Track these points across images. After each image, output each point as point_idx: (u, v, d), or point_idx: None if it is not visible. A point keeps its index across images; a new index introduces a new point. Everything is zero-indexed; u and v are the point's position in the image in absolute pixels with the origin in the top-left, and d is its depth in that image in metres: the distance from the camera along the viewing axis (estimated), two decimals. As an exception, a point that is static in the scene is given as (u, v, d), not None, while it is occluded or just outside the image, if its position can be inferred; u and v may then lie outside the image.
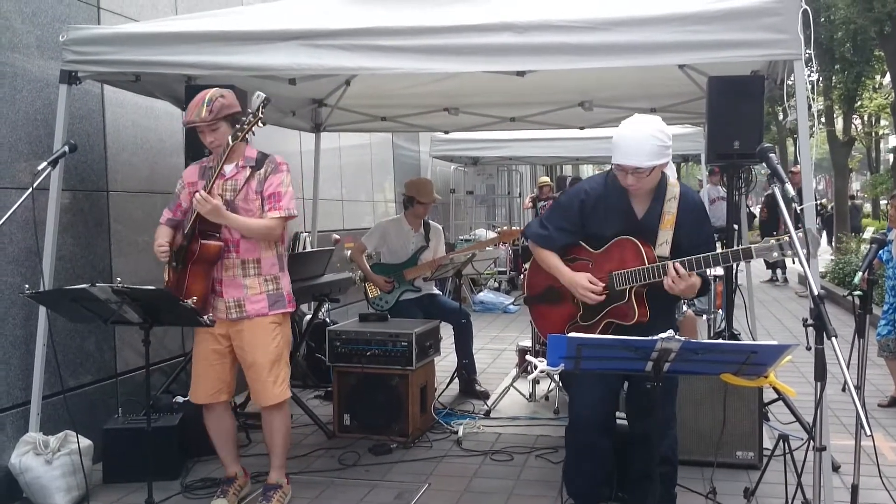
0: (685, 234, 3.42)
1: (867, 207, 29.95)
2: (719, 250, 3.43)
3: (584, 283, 3.50)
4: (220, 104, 3.93)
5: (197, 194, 3.82)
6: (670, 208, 3.45)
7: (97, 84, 5.06)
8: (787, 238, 3.06)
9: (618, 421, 3.82)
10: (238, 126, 3.87)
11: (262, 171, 4.01)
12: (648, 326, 3.41)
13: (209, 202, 3.79)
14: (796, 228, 3.23)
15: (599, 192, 3.59)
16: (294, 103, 6.48)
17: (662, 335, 2.61)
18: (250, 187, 4.00)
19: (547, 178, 16.10)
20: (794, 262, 11.82)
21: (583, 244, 3.62)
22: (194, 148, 4.86)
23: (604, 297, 3.50)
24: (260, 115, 3.85)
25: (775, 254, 3.13)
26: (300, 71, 4.38)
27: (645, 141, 3.31)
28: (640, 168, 3.33)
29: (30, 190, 3.95)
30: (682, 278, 3.25)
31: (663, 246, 3.41)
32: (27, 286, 3.83)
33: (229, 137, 3.87)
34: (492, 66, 4.11)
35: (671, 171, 3.54)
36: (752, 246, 3.21)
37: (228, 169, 4.03)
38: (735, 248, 3.28)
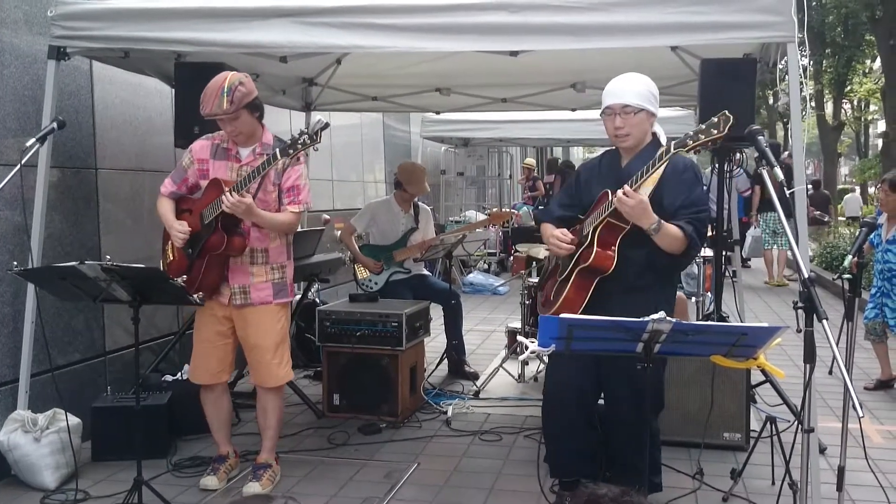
0: (667, 192, 3.42)
1: (859, 192, 30.09)
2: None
3: (554, 233, 3.60)
4: (240, 94, 3.82)
5: (226, 198, 3.72)
6: (656, 170, 3.44)
7: (86, 60, 5.01)
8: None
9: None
10: (290, 143, 3.71)
11: (281, 161, 3.92)
12: (619, 280, 3.45)
13: (243, 203, 3.70)
14: (786, 213, 3.25)
15: (594, 164, 3.82)
16: (284, 82, 6.43)
17: (654, 316, 2.62)
18: (268, 178, 3.95)
19: (532, 161, 16.10)
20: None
21: (581, 217, 3.69)
22: (183, 126, 4.82)
23: (572, 246, 3.55)
24: (318, 139, 3.70)
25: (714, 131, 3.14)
26: (291, 48, 4.35)
27: (635, 81, 3.48)
28: (629, 105, 3.43)
29: (18, 166, 3.91)
30: (627, 195, 3.25)
31: None
32: (15, 263, 3.81)
33: (278, 151, 3.73)
34: (485, 46, 4.09)
35: (662, 135, 3.59)
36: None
37: (245, 154, 4.00)
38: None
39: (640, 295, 3.47)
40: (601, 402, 3.82)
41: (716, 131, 3.15)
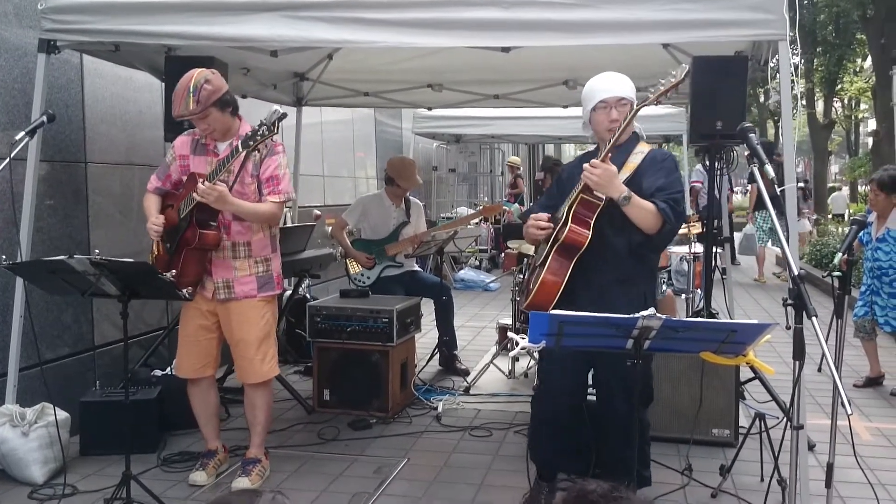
0: (645, 178, 3.47)
1: (845, 190, 30.27)
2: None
3: (528, 221, 3.63)
4: (206, 93, 3.80)
5: (199, 187, 3.71)
6: (634, 160, 3.53)
7: (76, 53, 4.99)
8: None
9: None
10: (250, 136, 3.70)
11: (258, 153, 3.93)
12: (604, 267, 3.49)
13: (215, 191, 3.69)
14: (776, 209, 3.26)
15: (575, 163, 3.83)
16: (275, 76, 6.42)
17: (644, 313, 2.62)
18: (246, 170, 3.92)
19: (517, 158, 16.12)
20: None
21: None
22: (173, 121, 4.78)
23: (549, 228, 3.56)
24: (275, 130, 3.70)
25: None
26: (281, 43, 4.33)
27: (621, 77, 3.58)
28: (624, 98, 3.50)
29: (7, 160, 3.90)
30: (593, 165, 3.33)
31: None
32: (4, 257, 3.78)
33: (239, 144, 3.72)
34: (476, 41, 4.09)
35: (640, 130, 3.69)
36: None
37: (222, 148, 3.98)
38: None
39: (627, 286, 3.52)
40: (591, 397, 3.84)
41: (674, 79, 3.31)
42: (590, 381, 3.83)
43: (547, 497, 3.78)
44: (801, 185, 16.91)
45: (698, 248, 6.63)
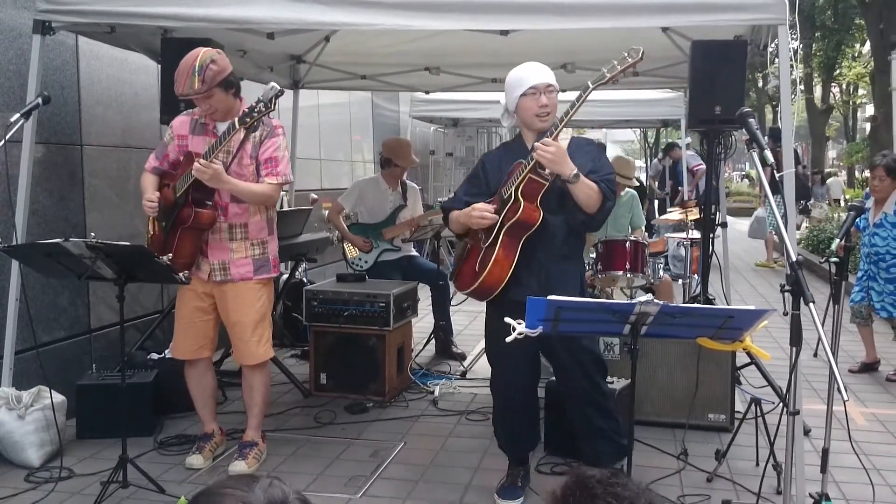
0: (574, 161, 3.46)
1: (842, 175, 30.26)
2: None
3: (474, 207, 3.61)
4: (212, 73, 3.76)
5: (195, 164, 3.71)
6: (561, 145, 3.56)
7: (71, 35, 4.95)
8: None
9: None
10: (247, 112, 3.70)
11: (258, 133, 3.92)
12: (547, 246, 3.55)
13: (210, 168, 3.69)
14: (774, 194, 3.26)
15: (499, 152, 3.89)
16: (272, 59, 6.38)
17: (641, 298, 2.62)
18: (245, 151, 3.91)
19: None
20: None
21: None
22: (169, 103, 4.77)
23: (496, 216, 3.54)
24: (272, 107, 3.71)
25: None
26: (278, 25, 4.31)
27: (546, 68, 3.62)
28: (552, 85, 3.57)
29: (2, 142, 3.87)
30: (546, 143, 3.36)
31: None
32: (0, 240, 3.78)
33: (236, 121, 3.72)
34: (474, 25, 4.06)
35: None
36: None
37: (221, 128, 3.96)
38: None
39: (566, 263, 3.61)
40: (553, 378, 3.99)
41: (631, 59, 3.36)
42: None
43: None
44: (803, 167, 16.91)
45: (695, 233, 6.62)
